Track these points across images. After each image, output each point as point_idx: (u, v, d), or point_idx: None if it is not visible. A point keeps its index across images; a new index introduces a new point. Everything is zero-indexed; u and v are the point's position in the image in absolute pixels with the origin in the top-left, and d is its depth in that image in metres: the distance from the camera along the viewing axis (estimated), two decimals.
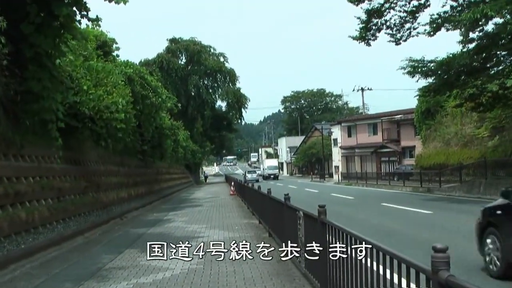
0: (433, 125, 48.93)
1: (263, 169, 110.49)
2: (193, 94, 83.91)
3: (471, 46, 27.83)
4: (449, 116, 45.72)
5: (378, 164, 68.77)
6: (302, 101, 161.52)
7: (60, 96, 14.68)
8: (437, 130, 47.77)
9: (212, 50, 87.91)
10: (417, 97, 52.14)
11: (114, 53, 27.80)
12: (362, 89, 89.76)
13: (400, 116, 65.61)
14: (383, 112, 73.86)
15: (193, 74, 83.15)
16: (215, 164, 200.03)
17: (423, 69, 29.71)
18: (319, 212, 7.15)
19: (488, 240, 9.75)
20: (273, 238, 13.71)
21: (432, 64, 29.53)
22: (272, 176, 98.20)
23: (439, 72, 29.55)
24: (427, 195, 33.76)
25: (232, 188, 43.72)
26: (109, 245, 15.29)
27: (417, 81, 30.77)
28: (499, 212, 9.85)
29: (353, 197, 33.99)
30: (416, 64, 29.94)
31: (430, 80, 31.12)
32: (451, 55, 28.89)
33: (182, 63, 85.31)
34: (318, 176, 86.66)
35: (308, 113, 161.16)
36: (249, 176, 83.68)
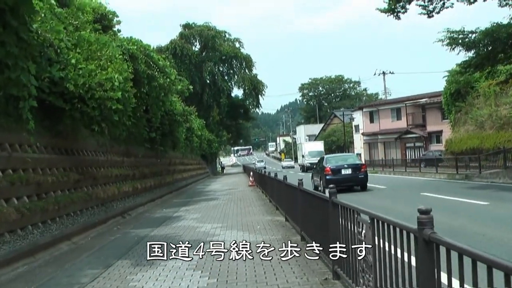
0: (463, 107, 45.32)
1: (302, 156, 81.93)
2: (208, 81, 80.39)
3: None
4: (482, 97, 42.17)
5: (403, 151, 65.77)
6: (320, 88, 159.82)
7: (34, 66, 11.47)
8: (468, 112, 44.20)
9: (227, 36, 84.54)
10: (446, 78, 49.19)
11: (115, 28, 24.67)
12: (384, 73, 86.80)
13: (425, 99, 62.74)
14: (407, 96, 70.95)
15: (207, 61, 79.65)
16: (232, 154, 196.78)
17: (465, 40, 26.44)
18: (422, 222, 3.85)
19: (312, 179, 32.59)
20: (308, 244, 10.54)
21: (474, 35, 26.28)
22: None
23: (481, 43, 26.29)
24: (467, 182, 30.29)
25: (251, 178, 41.26)
26: (99, 253, 12.12)
27: (458, 54, 27.50)
28: (310, 171, 39.46)
29: (385, 186, 30.70)
30: (455, 36, 26.71)
31: (470, 54, 27.88)
32: (495, 24, 25.70)
33: (196, 49, 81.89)
34: None
35: (326, 100, 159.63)
36: (258, 164, 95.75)
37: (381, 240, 5.04)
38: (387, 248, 4.88)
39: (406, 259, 4.31)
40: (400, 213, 16.04)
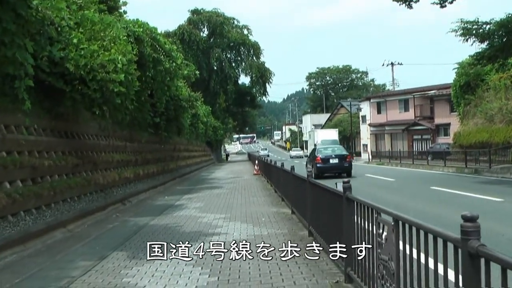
0: (473, 100, 44.56)
1: (314, 145, 68.15)
2: (215, 68, 79.73)
3: None
4: (492, 90, 41.42)
5: (410, 143, 64.95)
6: (327, 78, 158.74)
7: (31, 44, 10.82)
8: (477, 105, 43.45)
9: (235, 22, 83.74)
10: (455, 70, 48.46)
11: (121, 10, 24.01)
12: (392, 64, 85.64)
13: (434, 91, 61.83)
14: (415, 88, 69.98)
15: (215, 47, 78.94)
16: (237, 141, 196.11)
17: (479, 31, 25.74)
18: (466, 231, 3.18)
19: (306, 167, 34.04)
20: (315, 240, 9.81)
21: (488, 26, 25.58)
22: None
23: (496, 34, 25.59)
24: (476, 176, 29.57)
25: (256, 167, 40.70)
26: (94, 243, 11.49)
27: (472, 44, 26.82)
28: (307, 158, 40.67)
29: (393, 179, 29.98)
30: (469, 26, 26.01)
31: (483, 45, 27.16)
32: (510, 15, 24.99)
33: (204, 35, 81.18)
34: None
35: (334, 90, 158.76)
36: (261, 152, 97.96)
37: (407, 245, 4.39)
38: (414, 255, 4.23)
39: (441, 271, 3.64)
40: (412, 208, 15.44)
